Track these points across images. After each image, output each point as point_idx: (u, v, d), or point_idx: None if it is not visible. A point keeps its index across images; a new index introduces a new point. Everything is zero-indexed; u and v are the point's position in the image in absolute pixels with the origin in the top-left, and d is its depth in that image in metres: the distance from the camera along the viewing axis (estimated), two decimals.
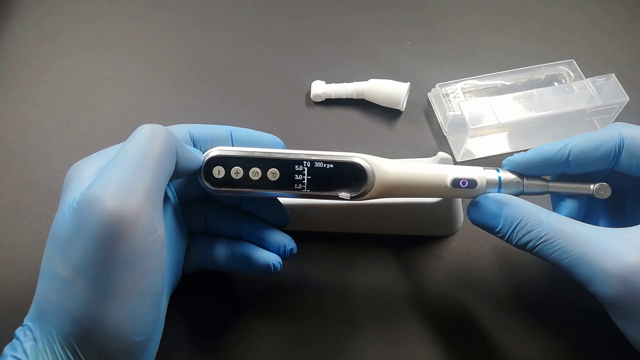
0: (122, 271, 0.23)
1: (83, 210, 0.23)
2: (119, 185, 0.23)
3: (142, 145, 0.24)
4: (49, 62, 0.50)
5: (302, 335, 0.36)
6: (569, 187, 0.30)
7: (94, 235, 0.22)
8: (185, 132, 0.29)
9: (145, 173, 0.24)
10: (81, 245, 0.22)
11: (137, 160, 0.24)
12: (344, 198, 0.29)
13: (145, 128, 0.25)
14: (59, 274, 0.23)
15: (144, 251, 0.23)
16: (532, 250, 0.27)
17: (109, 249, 0.22)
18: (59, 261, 0.23)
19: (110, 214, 0.22)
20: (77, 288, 0.22)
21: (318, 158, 0.29)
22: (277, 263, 0.31)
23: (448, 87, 0.44)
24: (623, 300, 0.24)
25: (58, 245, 0.23)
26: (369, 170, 0.29)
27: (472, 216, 0.30)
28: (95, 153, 0.27)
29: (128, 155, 0.24)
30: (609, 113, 0.42)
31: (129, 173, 0.23)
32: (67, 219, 0.23)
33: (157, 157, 0.24)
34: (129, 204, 0.23)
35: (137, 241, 0.23)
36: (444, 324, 0.36)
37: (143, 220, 0.23)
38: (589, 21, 0.52)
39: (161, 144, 0.25)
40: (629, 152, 0.28)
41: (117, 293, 0.23)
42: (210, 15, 0.54)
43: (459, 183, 0.29)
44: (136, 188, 0.23)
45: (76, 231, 0.23)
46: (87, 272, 0.22)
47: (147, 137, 0.25)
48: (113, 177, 0.23)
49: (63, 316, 0.23)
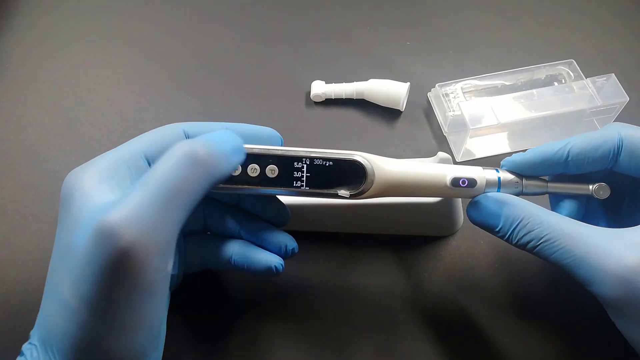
0: (130, 307, 0.22)
1: (99, 240, 0.21)
2: (141, 221, 0.22)
3: (175, 176, 0.23)
4: (49, 62, 0.50)
5: (302, 335, 0.36)
6: (568, 188, 0.30)
7: (106, 269, 0.21)
8: (180, 131, 0.28)
9: (172, 211, 0.23)
10: (91, 276, 0.22)
11: (166, 195, 0.22)
12: (343, 196, 0.29)
13: (183, 149, 0.23)
14: (66, 299, 0.22)
15: (154, 287, 0.23)
16: (533, 250, 0.27)
17: (119, 285, 0.22)
18: (67, 285, 0.22)
19: (126, 251, 0.21)
20: (82, 317, 0.22)
21: (317, 155, 0.28)
22: (279, 265, 0.30)
23: (448, 87, 0.44)
24: (623, 300, 0.24)
25: (68, 268, 0.23)
26: (368, 168, 0.28)
27: (472, 216, 0.30)
28: (93, 159, 0.26)
29: (157, 184, 0.22)
30: (609, 113, 0.42)
31: (155, 208, 0.22)
32: (81, 243, 0.22)
33: (189, 194, 0.23)
34: (148, 244, 0.22)
35: (149, 278, 0.22)
36: (444, 324, 0.36)
37: (158, 259, 0.22)
38: (589, 21, 0.52)
39: (198, 176, 0.23)
40: (627, 153, 0.28)
41: (123, 326, 0.22)
42: (210, 16, 0.54)
43: (459, 182, 0.29)
44: (159, 228, 0.22)
45: (88, 260, 0.22)
46: (94, 304, 0.22)
47: (183, 167, 0.23)
48: (137, 209, 0.22)
49: (67, 342, 0.22)
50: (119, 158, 0.26)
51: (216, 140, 0.25)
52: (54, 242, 0.25)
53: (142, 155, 0.27)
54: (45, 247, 0.39)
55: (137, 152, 0.26)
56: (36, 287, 0.37)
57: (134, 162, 0.26)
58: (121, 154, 0.26)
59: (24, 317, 0.36)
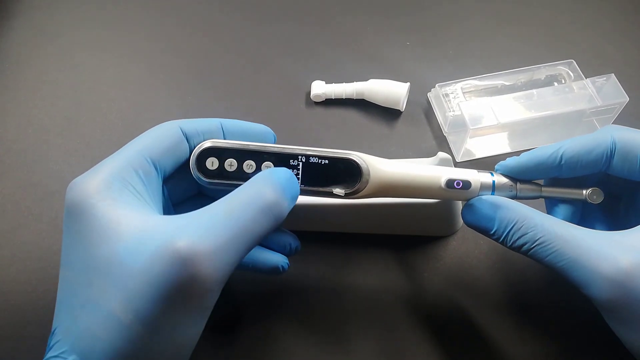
0: (184, 326, 0.23)
1: (168, 262, 0.22)
2: (213, 251, 0.22)
3: (247, 217, 0.24)
4: (49, 62, 0.50)
5: (301, 335, 0.36)
6: (562, 192, 0.30)
7: (171, 291, 0.22)
8: (177, 129, 0.28)
9: (238, 246, 0.23)
10: (153, 296, 0.22)
11: (236, 231, 0.23)
12: (339, 194, 0.29)
13: (255, 191, 0.25)
14: (114, 314, 0.22)
15: (208, 311, 0.24)
16: (527, 252, 0.27)
17: (180, 306, 0.22)
18: (115, 300, 0.22)
19: (194, 277, 0.22)
20: (135, 333, 0.22)
21: (313, 153, 0.29)
22: (285, 264, 0.31)
23: (448, 88, 0.44)
24: (617, 303, 0.24)
25: (116, 283, 0.22)
26: (364, 167, 0.29)
27: (466, 218, 0.30)
28: (97, 166, 0.26)
29: (231, 218, 0.23)
30: (608, 113, 0.42)
31: (225, 242, 0.23)
32: (140, 262, 0.22)
33: (255, 235, 0.24)
34: (214, 273, 0.22)
35: (206, 303, 0.23)
36: (443, 324, 0.36)
37: (218, 287, 0.23)
38: (588, 21, 0.52)
39: (267, 220, 0.24)
40: (621, 156, 0.28)
41: (172, 342, 0.23)
42: (210, 16, 0.54)
43: (453, 184, 0.29)
44: (227, 260, 0.23)
45: (151, 279, 0.22)
46: (150, 321, 0.22)
47: (256, 210, 0.24)
48: (209, 240, 0.22)
49: (112, 356, 0.22)
50: (127, 163, 0.26)
51: (283, 185, 0.26)
52: (63, 249, 0.25)
53: (148, 159, 0.27)
54: (46, 247, 0.39)
55: (142, 156, 0.26)
56: (36, 287, 0.37)
57: (142, 166, 0.26)
58: (128, 159, 0.26)
59: (23, 317, 0.36)
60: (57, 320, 0.24)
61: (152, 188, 0.27)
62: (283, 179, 0.26)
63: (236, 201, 0.24)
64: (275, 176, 0.26)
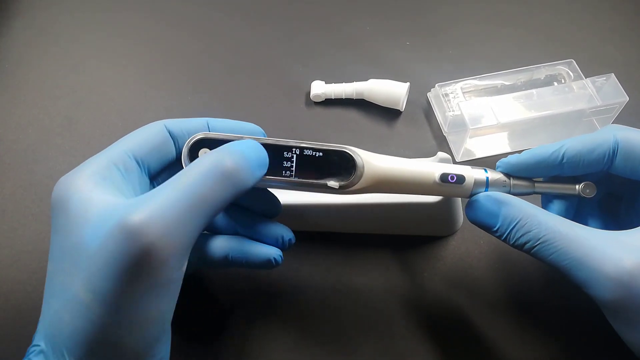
0: (145, 302, 0.23)
1: (121, 237, 0.22)
2: (166, 223, 0.22)
3: (201, 185, 0.23)
4: (49, 62, 0.50)
5: (301, 335, 0.36)
6: (556, 188, 0.30)
7: (126, 266, 0.22)
8: (162, 127, 0.29)
9: (194, 217, 0.23)
10: (109, 273, 0.22)
11: (190, 201, 0.23)
12: (333, 187, 0.28)
13: (211, 159, 0.24)
14: (77, 297, 0.22)
15: (169, 285, 0.23)
16: (530, 251, 0.27)
17: (137, 281, 0.22)
18: (78, 283, 0.22)
19: (148, 250, 0.22)
20: (95, 313, 0.22)
21: (307, 146, 0.29)
22: (278, 256, 0.30)
23: (448, 87, 0.44)
24: (620, 303, 0.24)
25: (78, 266, 0.23)
26: (358, 160, 0.28)
27: (470, 214, 0.30)
28: (82, 164, 0.26)
29: (183, 189, 0.23)
30: (608, 113, 0.42)
31: (179, 212, 0.23)
32: (96, 240, 0.22)
33: (213, 203, 0.24)
34: (169, 245, 0.22)
35: (166, 276, 0.23)
36: (443, 324, 0.36)
37: (176, 259, 0.23)
38: (588, 21, 0.52)
39: (223, 187, 0.24)
40: (623, 155, 0.28)
41: (136, 321, 0.23)
42: (210, 16, 0.54)
43: (447, 178, 0.29)
44: (181, 230, 0.23)
45: (106, 257, 0.22)
46: (109, 299, 0.22)
47: (210, 177, 0.24)
48: (161, 211, 0.22)
49: (77, 339, 0.22)
50: (109, 160, 0.26)
51: (244, 153, 0.26)
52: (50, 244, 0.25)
53: (130, 156, 0.27)
54: (45, 247, 0.39)
55: (125, 153, 0.27)
56: (36, 287, 0.38)
57: (124, 163, 0.27)
58: (110, 156, 0.26)
59: (23, 317, 0.36)
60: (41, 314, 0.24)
61: (133, 183, 0.27)
62: (244, 146, 0.26)
63: (192, 172, 0.24)
64: (236, 145, 0.26)
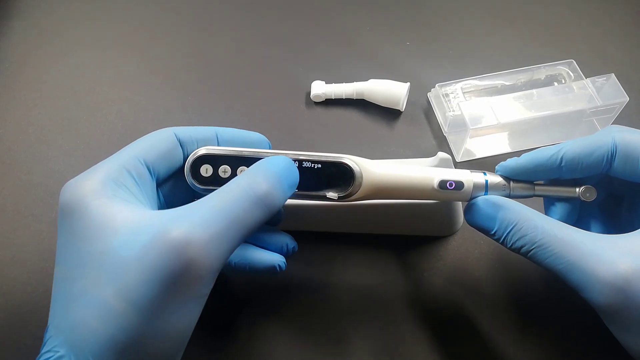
0: (178, 315, 0.23)
1: (162, 250, 0.22)
2: (206, 240, 0.23)
3: (238, 207, 0.24)
4: (49, 62, 0.50)
5: (301, 335, 0.36)
6: (555, 191, 0.30)
7: (166, 279, 0.22)
8: (172, 135, 0.29)
9: (231, 236, 0.24)
10: (148, 283, 0.22)
11: (229, 221, 0.24)
12: (332, 198, 0.29)
13: (248, 181, 0.25)
14: (107, 302, 0.22)
15: (200, 299, 0.24)
16: (527, 254, 0.27)
17: (175, 294, 0.22)
18: (108, 289, 0.22)
19: (187, 265, 0.22)
20: (128, 321, 0.22)
21: (306, 158, 0.29)
22: (282, 263, 0.31)
23: (448, 87, 0.44)
24: (615, 308, 0.24)
25: (109, 273, 0.23)
26: (356, 170, 0.29)
27: (468, 217, 0.30)
28: (92, 168, 0.26)
29: (223, 208, 0.24)
30: (608, 113, 0.42)
31: (218, 231, 0.23)
32: (133, 251, 0.22)
33: (247, 224, 0.24)
34: (208, 262, 0.23)
35: (199, 291, 0.23)
36: (443, 324, 0.36)
37: (212, 276, 0.24)
38: (589, 21, 0.52)
39: (259, 210, 0.25)
40: (622, 158, 0.28)
41: (166, 332, 0.23)
42: (210, 16, 0.54)
43: (446, 184, 0.29)
44: (219, 249, 0.23)
45: (144, 267, 0.22)
46: (145, 309, 0.22)
47: (247, 200, 0.24)
48: (202, 228, 0.23)
49: (107, 346, 0.22)
50: (120, 165, 0.26)
51: (280, 176, 0.26)
52: (58, 248, 0.25)
53: (141, 161, 0.27)
54: (46, 247, 0.39)
55: (136, 158, 0.27)
56: (36, 287, 0.38)
57: (136, 168, 0.27)
58: (121, 161, 0.26)
59: (24, 317, 0.36)
60: (51, 316, 0.24)
61: (146, 189, 0.27)
62: (278, 168, 0.26)
63: (229, 194, 0.25)
64: (270, 165, 0.26)
